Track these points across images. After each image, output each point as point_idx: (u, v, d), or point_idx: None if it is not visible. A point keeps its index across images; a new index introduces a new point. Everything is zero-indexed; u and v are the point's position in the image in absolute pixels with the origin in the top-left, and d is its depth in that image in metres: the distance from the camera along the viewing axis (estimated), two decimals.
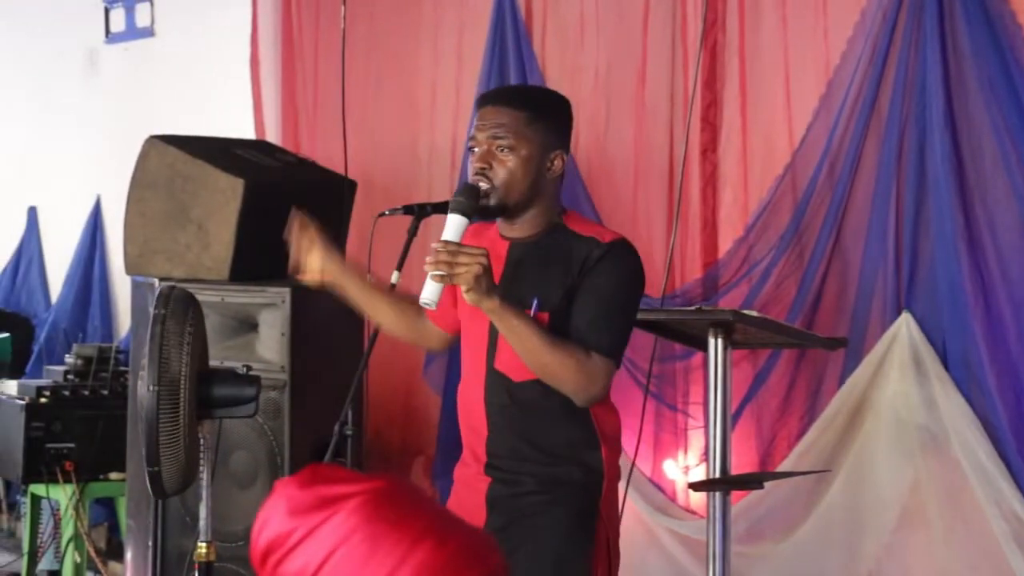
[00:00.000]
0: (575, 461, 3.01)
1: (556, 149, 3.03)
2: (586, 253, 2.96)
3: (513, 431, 3.02)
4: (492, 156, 2.98)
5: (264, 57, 6.41)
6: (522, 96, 3.19)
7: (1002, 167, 4.10)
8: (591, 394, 2.93)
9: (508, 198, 2.98)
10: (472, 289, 2.77)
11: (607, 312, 2.94)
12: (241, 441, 4.64)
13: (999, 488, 4.07)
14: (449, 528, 1.43)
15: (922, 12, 4.22)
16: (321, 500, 1.42)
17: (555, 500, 2.99)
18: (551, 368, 2.88)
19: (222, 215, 4.76)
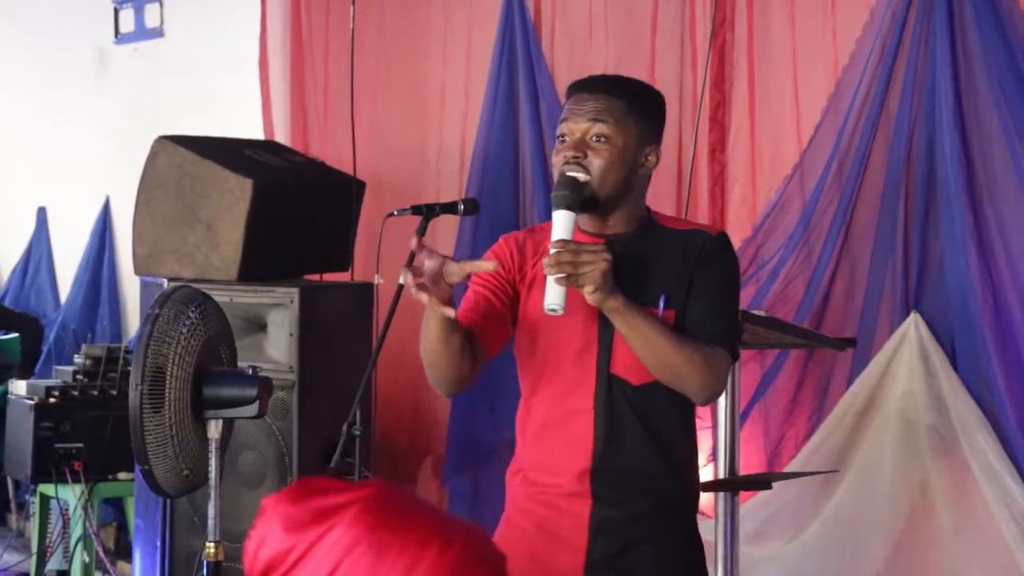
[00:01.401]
0: (683, 475, 2.88)
1: (652, 143, 2.84)
2: (699, 246, 2.80)
3: (629, 443, 2.80)
4: (587, 145, 2.78)
5: (273, 57, 6.42)
6: (620, 84, 2.92)
7: (1011, 167, 4.10)
8: (714, 391, 2.78)
9: (601, 190, 2.77)
10: (599, 288, 2.58)
11: (724, 304, 2.80)
12: (249, 441, 4.64)
13: (1008, 488, 4.06)
14: (450, 529, 1.42)
15: (931, 12, 4.22)
16: (317, 513, 1.40)
17: (668, 524, 2.84)
18: (678, 367, 2.69)
19: (231, 215, 4.77)
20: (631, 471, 2.79)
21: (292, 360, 4.65)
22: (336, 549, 1.38)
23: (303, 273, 5.15)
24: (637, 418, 2.79)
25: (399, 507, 1.42)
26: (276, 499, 1.43)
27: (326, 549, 1.38)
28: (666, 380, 2.73)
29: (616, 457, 2.79)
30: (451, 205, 4.53)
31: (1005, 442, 4.09)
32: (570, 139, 2.80)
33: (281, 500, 1.42)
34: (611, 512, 2.79)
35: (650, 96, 2.93)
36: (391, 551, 1.38)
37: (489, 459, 5.44)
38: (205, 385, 3.27)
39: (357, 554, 1.38)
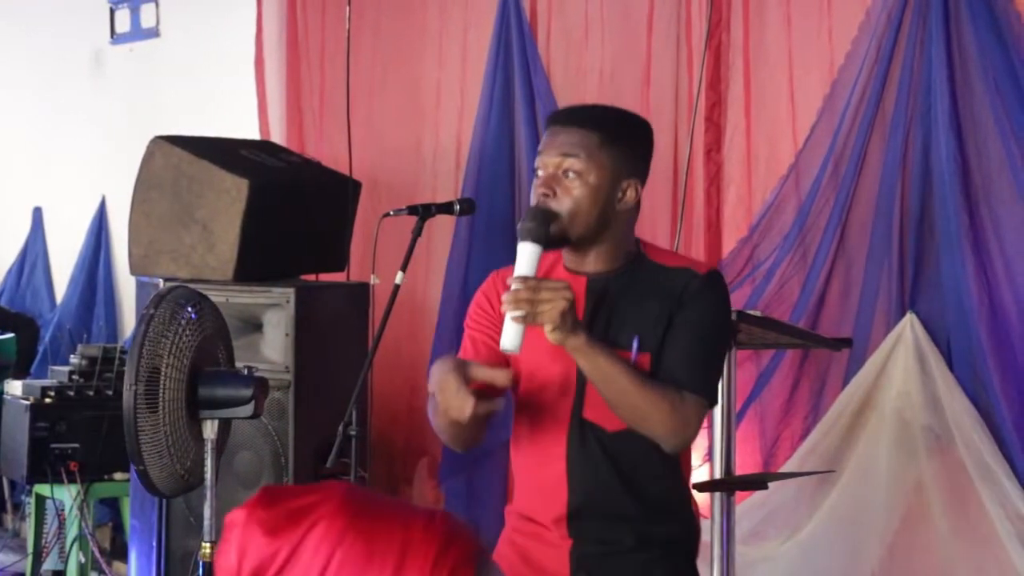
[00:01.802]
0: (671, 517, 2.79)
1: (630, 178, 2.73)
2: (683, 285, 2.70)
3: (603, 488, 2.72)
4: (557, 181, 2.69)
5: (269, 57, 6.42)
6: (595, 117, 2.81)
7: (1007, 167, 4.10)
8: (684, 438, 2.66)
9: (572, 229, 2.68)
10: (558, 327, 2.50)
11: (702, 348, 2.68)
12: (245, 441, 4.64)
13: (1004, 488, 4.06)
14: (423, 509, 1.44)
15: (927, 12, 4.22)
16: (293, 513, 1.40)
17: (656, 559, 2.76)
18: (642, 411, 2.60)
19: (227, 215, 4.77)
20: (608, 515, 2.73)
21: (288, 360, 4.65)
22: (324, 543, 1.38)
23: (299, 273, 5.15)
24: (612, 465, 2.72)
25: (371, 499, 1.44)
26: (246, 510, 1.42)
27: (314, 545, 1.38)
28: (632, 424, 2.64)
29: (591, 504, 2.73)
30: (447, 205, 4.54)
31: (1001, 442, 4.09)
32: (543, 173, 2.73)
33: (252, 508, 1.42)
34: (592, 549, 2.74)
35: (631, 128, 2.83)
36: (380, 535, 1.38)
37: (485, 460, 5.44)
38: (200, 385, 3.28)
39: (347, 544, 1.38)
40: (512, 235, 5.32)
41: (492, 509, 5.42)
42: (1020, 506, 4.04)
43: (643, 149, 2.81)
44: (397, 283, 4.22)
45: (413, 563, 1.38)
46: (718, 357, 2.78)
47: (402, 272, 4.25)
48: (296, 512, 1.40)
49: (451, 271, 5.55)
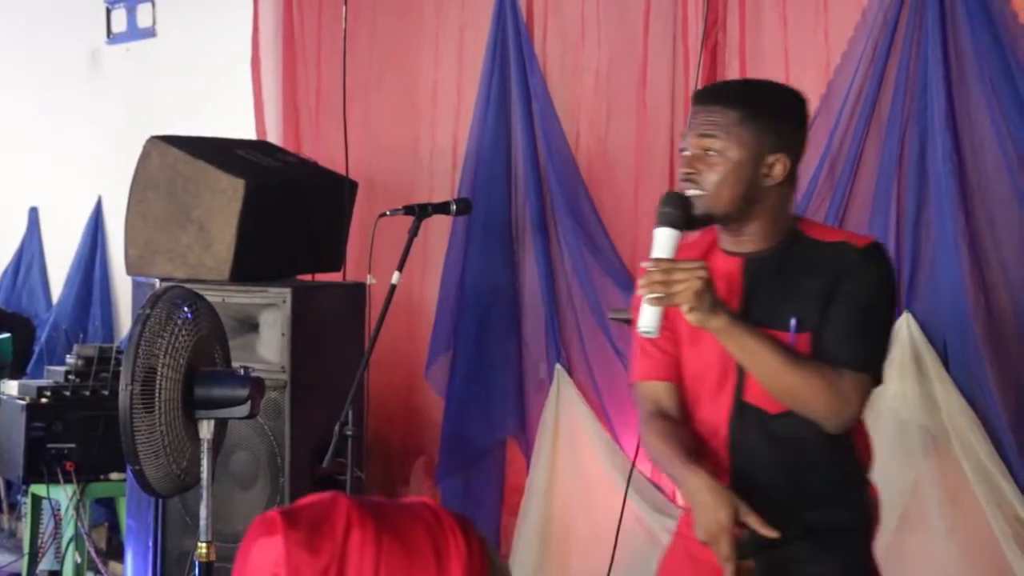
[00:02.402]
0: (842, 503, 2.70)
1: (776, 152, 2.67)
2: (841, 261, 2.63)
3: (766, 472, 2.66)
4: (700, 160, 2.66)
5: (265, 58, 6.41)
6: (735, 93, 2.78)
7: (1003, 167, 4.11)
8: (844, 418, 2.59)
9: (716, 207, 2.64)
10: (695, 308, 2.47)
11: (862, 322, 2.60)
12: (242, 441, 4.64)
13: (1000, 489, 4.07)
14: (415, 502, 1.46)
15: (923, 12, 4.22)
16: (321, 527, 1.42)
17: (824, 548, 2.66)
18: (797, 391, 2.54)
19: (223, 216, 4.77)
20: (774, 502, 2.62)
21: (284, 360, 4.65)
22: (367, 549, 1.40)
23: (295, 273, 5.15)
24: (774, 447, 2.66)
25: (371, 500, 1.46)
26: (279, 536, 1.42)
27: (357, 553, 1.40)
28: (789, 404, 2.59)
29: (756, 489, 2.63)
30: (443, 205, 4.55)
31: (997, 442, 4.10)
32: (688, 155, 2.69)
33: (285, 532, 1.42)
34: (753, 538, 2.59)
35: (773, 100, 2.76)
36: (408, 533, 1.41)
37: (482, 460, 5.45)
38: (197, 385, 3.27)
39: (386, 546, 1.40)
40: (508, 235, 5.36)
41: (488, 509, 5.42)
42: (1017, 507, 4.04)
43: (789, 121, 2.73)
44: (393, 283, 4.22)
45: (449, 555, 1.41)
46: (880, 332, 2.67)
47: (398, 272, 4.25)
48: (322, 526, 1.42)
49: (448, 271, 5.55)
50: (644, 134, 5.03)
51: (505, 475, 5.46)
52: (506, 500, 5.43)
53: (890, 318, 2.70)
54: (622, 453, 4.94)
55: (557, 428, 5.14)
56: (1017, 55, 4.07)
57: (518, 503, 5.25)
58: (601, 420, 5.04)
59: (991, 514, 4.04)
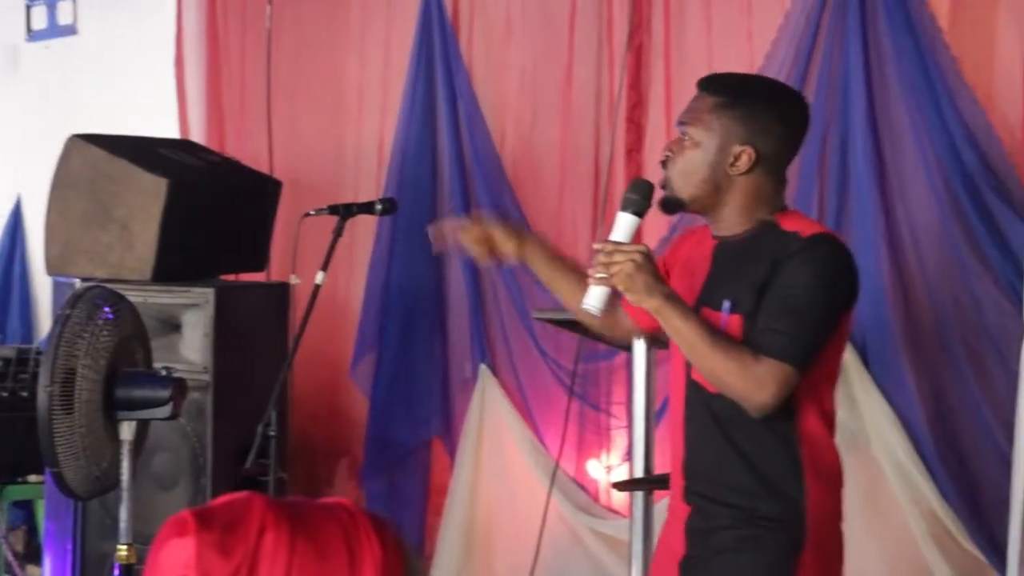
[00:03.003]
0: (775, 492, 2.70)
1: (743, 144, 2.70)
2: (783, 248, 2.67)
3: (711, 450, 2.74)
4: (676, 143, 2.77)
5: (189, 56, 6.36)
6: (724, 82, 2.85)
7: (922, 168, 4.16)
8: (758, 402, 2.62)
9: (683, 190, 2.74)
10: (628, 288, 2.58)
11: (790, 312, 2.63)
12: (163, 442, 4.60)
13: (917, 486, 4.12)
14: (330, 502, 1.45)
15: (845, 14, 4.27)
16: (234, 529, 1.40)
17: (751, 538, 2.70)
18: (715, 372, 2.63)
19: (145, 215, 4.73)
20: (717, 480, 2.74)
21: (207, 361, 4.63)
22: (280, 551, 1.39)
23: (218, 273, 5.12)
24: (717, 426, 2.72)
25: (287, 501, 1.45)
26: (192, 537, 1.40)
27: (270, 555, 1.39)
28: (712, 384, 2.67)
29: (703, 465, 2.76)
30: (368, 205, 4.53)
31: (915, 440, 4.15)
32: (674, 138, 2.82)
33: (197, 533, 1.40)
34: (700, 522, 2.76)
35: (754, 93, 2.80)
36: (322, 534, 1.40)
37: (407, 460, 5.44)
38: (117, 386, 3.24)
39: (299, 548, 1.39)
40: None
41: (413, 509, 5.41)
42: (934, 504, 4.09)
43: (763, 118, 2.73)
44: (318, 283, 4.20)
45: (363, 556, 1.40)
46: (807, 322, 2.65)
47: (323, 272, 4.23)
48: (235, 527, 1.40)
49: (373, 271, 5.54)
50: (569, 134, 5.04)
51: (430, 475, 5.46)
52: (431, 500, 5.42)
53: (823, 309, 2.68)
54: (546, 453, 4.95)
55: (481, 428, 5.14)
56: (935, 56, 4.13)
57: (443, 503, 5.25)
58: (525, 420, 5.05)
59: (909, 511, 4.09)
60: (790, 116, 2.79)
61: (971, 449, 4.17)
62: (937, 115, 4.12)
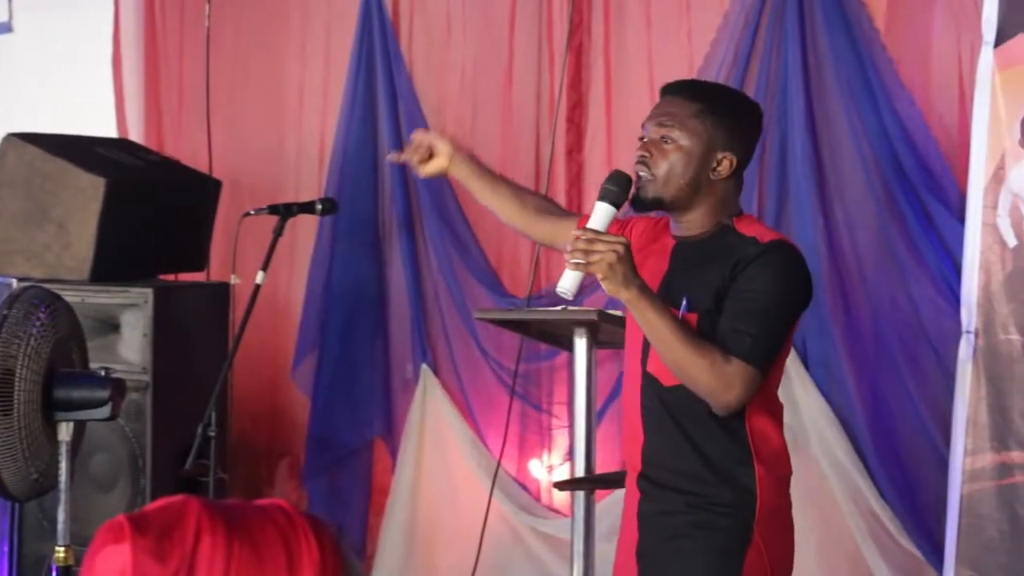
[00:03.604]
0: (726, 479, 2.81)
1: (725, 150, 2.83)
2: (742, 253, 2.78)
3: (667, 439, 2.84)
4: (655, 146, 2.83)
5: (127, 54, 6.31)
6: (700, 89, 2.97)
7: (860, 168, 4.20)
8: (724, 400, 2.73)
9: (665, 191, 2.82)
10: (607, 278, 2.63)
11: (753, 315, 2.74)
12: (102, 443, 4.57)
13: (856, 486, 4.15)
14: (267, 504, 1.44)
15: (783, 16, 4.30)
16: (170, 534, 1.39)
17: (702, 524, 2.80)
18: (684, 367, 2.71)
19: (83, 214, 4.70)
20: (671, 469, 2.84)
21: (146, 361, 4.60)
22: (217, 556, 1.38)
23: (158, 273, 5.09)
24: (671, 417, 2.82)
25: (224, 504, 1.44)
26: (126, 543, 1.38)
27: (207, 560, 1.38)
28: (680, 380, 2.76)
29: (658, 454, 2.85)
30: (309, 205, 4.52)
31: (854, 440, 4.18)
32: (645, 139, 2.86)
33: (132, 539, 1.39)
34: (651, 508, 2.86)
35: (732, 104, 2.95)
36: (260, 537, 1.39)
37: (349, 460, 5.42)
38: (56, 387, 3.22)
39: (236, 552, 1.38)
40: (375, 234, 5.34)
41: (355, 510, 5.40)
42: (872, 503, 4.13)
43: (742, 126, 2.89)
44: (258, 283, 4.18)
45: (301, 559, 1.39)
46: (771, 324, 2.78)
47: (263, 272, 4.21)
48: (171, 532, 1.39)
49: (314, 271, 5.52)
50: (510, 133, 5.05)
51: (372, 475, 5.44)
52: (372, 500, 5.41)
53: (783, 313, 2.81)
54: (487, 452, 4.96)
55: (423, 428, 5.14)
56: (873, 58, 4.17)
57: (384, 503, 5.24)
58: (467, 420, 5.05)
59: (847, 510, 4.12)
60: (758, 125, 2.97)
61: (909, 449, 4.21)
62: (875, 116, 4.17)
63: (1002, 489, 3.70)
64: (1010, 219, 3.71)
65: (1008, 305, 3.69)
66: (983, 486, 3.73)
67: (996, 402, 3.71)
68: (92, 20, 6.51)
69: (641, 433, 2.88)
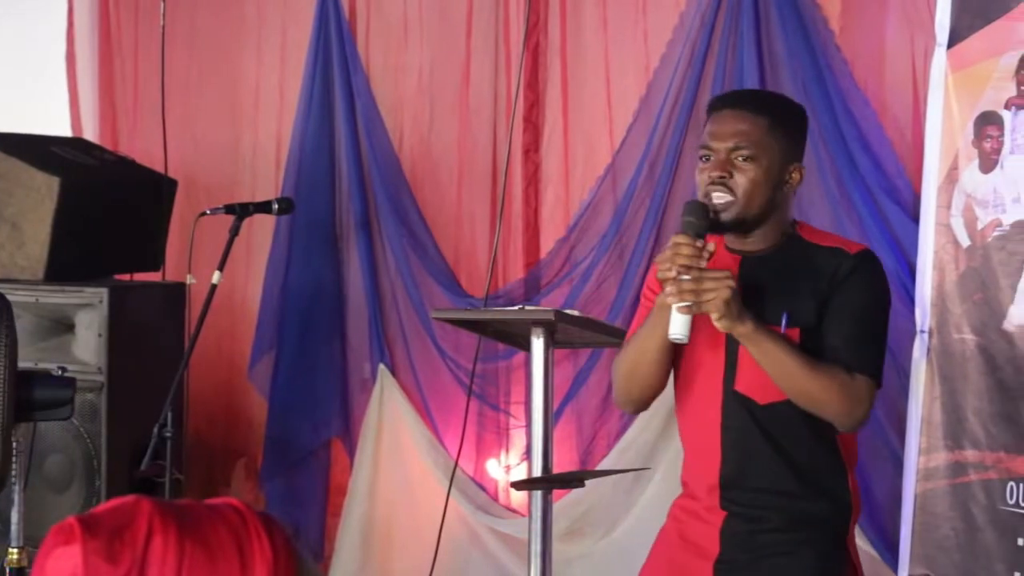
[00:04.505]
0: (823, 492, 2.80)
1: (795, 161, 2.82)
2: (835, 265, 2.75)
3: (755, 459, 2.78)
4: (731, 164, 2.74)
5: (81, 53, 6.27)
6: (763, 102, 2.95)
7: (815, 168, 4.22)
8: (856, 417, 2.73)
9: (748, 210, 2.74)
10: (724, 316, 2.59)
11: (865, 329, 2.75)
12: (56, 444, 4.55)
13: None
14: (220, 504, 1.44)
15: (739, 17, 4.32)
16: (120, 535, 1.38)
17: (802, 539, 2.78)
18: (813, 394, 2.68)
19: (37, 214, 4.68)
20: (761, 488, 2.78)
21: (101, 361, 4.58)
22: (169, 556, 1.37)
23: (113, 273, 5.07)
24: (765, 436, 2.77)
25: (175, 504, 1.43)
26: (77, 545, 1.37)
27: (159, 560, 1.37)
28: (803, 404, 2.71)
29: (744, 474, 2.79)
30: (265, 204, 4.51)
31: None
32: (714, 159, 2.76)
33: (83, 541, 1.37)
34: (740, 526, 2.79)
35: (792, 112, 2.92)
36: (212, 536, 1.38)
37: (306, 461, 5.41)
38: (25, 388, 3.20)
39: (189, 552, 1.37)
40: (332, 234, 5.33)
41: (313, 510, 5.38)
42: None
43: (802, 134, 2.90)
44: (214, 283, 4.17)
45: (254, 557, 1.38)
46: (881, 335, 2.81)
47: (219, 272, 4.20)
48: (122, 533, 1.38)
49: (271, 271, 5.50)
50: (467, 134, 5.05)
51: (329, 475, 5.43)
52: (330, 500, 5.40)
53: (885, 322, 2.83)
54: (445, 452, 4.96)
55: (380, 428, 5.13)
56: (828, 59, 4.20)
57: (342, 503, 5.23)
58: (424, 420, 5.05)
59: None
60: (807, 128, 2.96)
61: (863, 447, 4.22)
62: (830, 117, 4.19)
63: (956, 488, 3.72)
64: (963, 219, 3.73)
65: (961, 305, 3.72)
66: (937, 485, 3.75)
67: (950, 401, 3.73)
68: (46, 18, 6.47)
69: (718, 453, 2.80)
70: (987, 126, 3.70)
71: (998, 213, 3.68)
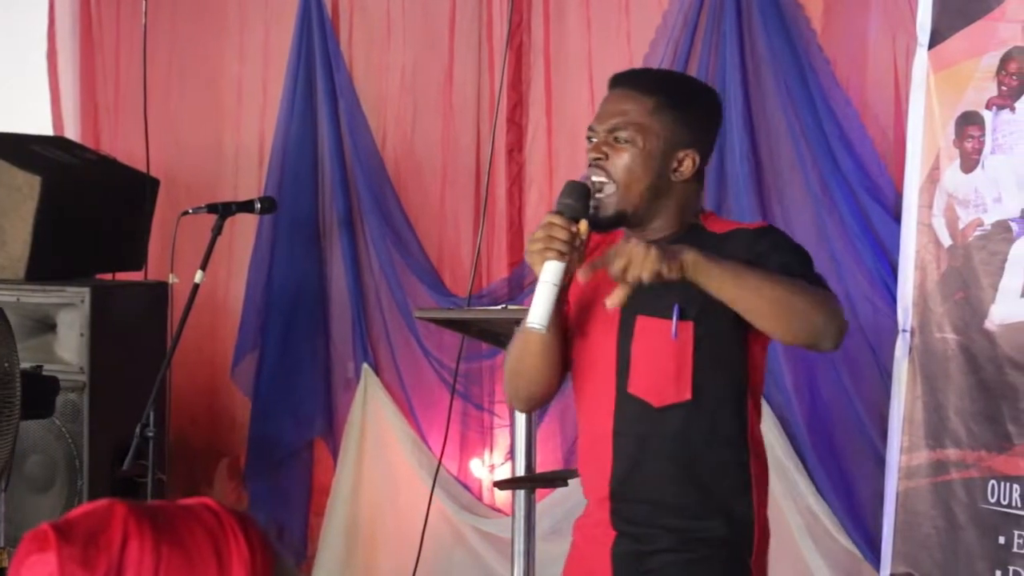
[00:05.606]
0: (720, 510, 2.54)
1: (689, 147, 2.56)
2: (740, 245, 2.51)
3: (650, 470, 2.54)
4: (609, 146, 2.54)
5: (62, 50, 6.25)
6: (656, 82, 2.69)
7: (798, 167, 4.24)
8: (837, 325, 2.44)
9: (626, 202, 2.52)
10: (661, 261, 2.31)
11: (797, 257, 2.50)
12: (38, 444, 4.54)
13: (795, 483, 4.18)
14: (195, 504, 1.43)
15: (721, 16, 4.33)
16: (95, 540, 1.37)
17: (693, 562, 2.53)
18: (793, 299, 2.39)
19: (18, 213, 4.67)
20: (651, 500, 2.55)
21: (83, 361, 4.57)
22: (146, 559, 1.37)
23: (95, 272, 5.06)
24: (659, 443, 2.54)
25: (150, 506, 1.42)
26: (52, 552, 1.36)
27: (135, 564, 1.37)
28: (787, 320, 2.42)
29: (634, 485, 2.56)
30: (247, 204, 4.51)
31: (792, 437, 4.22)
32: (595, 140, 2.58)
33: (58, 547, 1.37)
34: (630, 546, 2.56)
35: (692, 96, 2.70)
36: (189, 538, 1.38)
37: (290, 461, 5.40)
38: None
39: (166, 555, 1.37)
40: (315, 233, 5.32)
41: (296, 510, 5.38)
42: (810, 500, 4.16)
43: (704, 118, 2.65)
44: (197, 282, 4.16)
45: (231, 558, 1.38)
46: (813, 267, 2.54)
47: (202, 271, 4.20)
48: (97, 538, 1.37)
49: (254, 270, 5.49)
50: (450, 133, 5.05)
51: (312, 475, 5.43)
52: (313, 500, 5.40)
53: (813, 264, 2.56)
54: (429, 452, 4.96)
55: (364, 427, 5.13)
56: (810, 59, 4.22)
57: (326, 503, 5.23)
58: (408, 419, 5.05)
59: (785, 507, 4.15)
60: (719, 114, 2.73)
61: (846, 446, 4.25)
62: (812, 116, 4.21)
63: (937, 486, 3.74)
64: (945, 219, 3.74)
65: (943, 304, 3.73)
66: (919, 483, 3.76)
67: (931, 400, 3.74)
68: (26, 14, 6.44)
69: (609, 462, 2.56)
70: (968, 126, 3.71)
71: (979, 213, 3.69)
